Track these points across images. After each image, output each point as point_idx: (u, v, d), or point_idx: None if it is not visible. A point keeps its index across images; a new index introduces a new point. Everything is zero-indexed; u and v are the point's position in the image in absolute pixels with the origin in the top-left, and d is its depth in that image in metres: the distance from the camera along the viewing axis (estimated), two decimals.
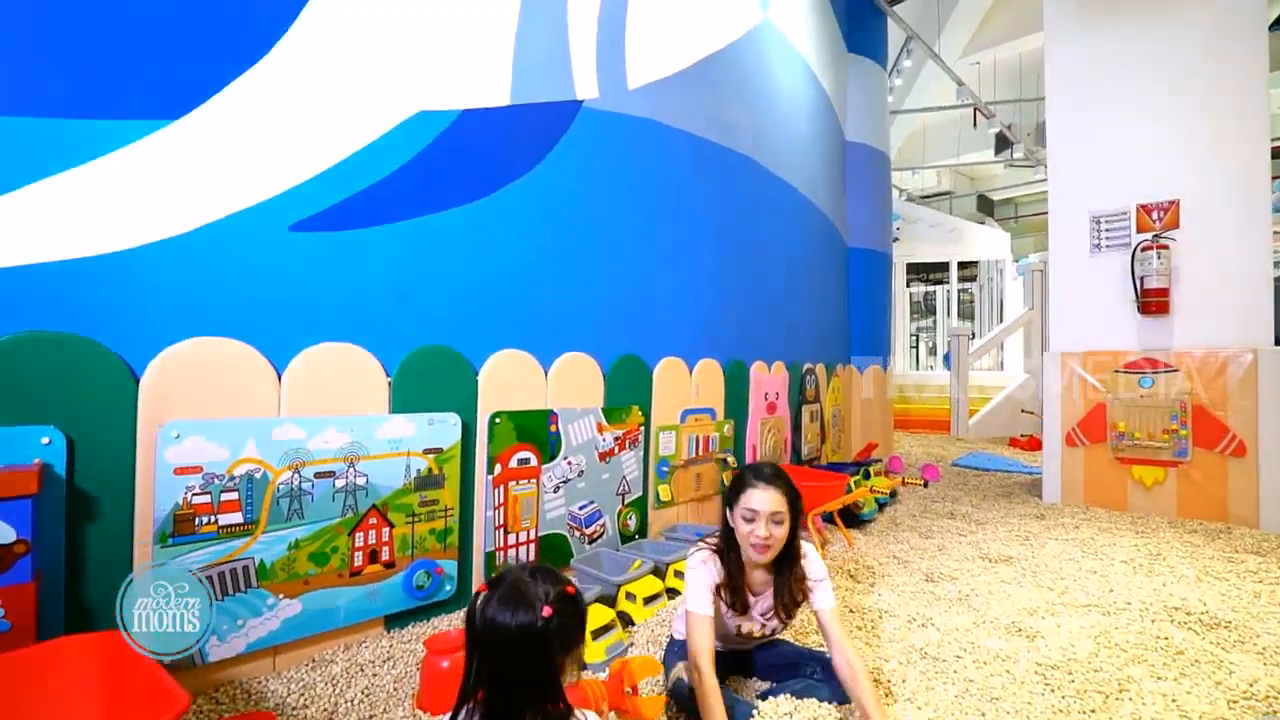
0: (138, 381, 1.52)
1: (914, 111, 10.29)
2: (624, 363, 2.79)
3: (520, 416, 2.30)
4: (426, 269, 2.12)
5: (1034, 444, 6.58)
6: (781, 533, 1.46)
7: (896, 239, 10.03)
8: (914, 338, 14.88)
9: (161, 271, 1.58)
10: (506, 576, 1.01)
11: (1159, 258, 3.60)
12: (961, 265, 12.67)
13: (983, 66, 9.82)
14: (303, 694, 1.61)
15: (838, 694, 1.47)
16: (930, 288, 14.32)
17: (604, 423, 2.63)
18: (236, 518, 1.62)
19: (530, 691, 0.96)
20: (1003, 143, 10.51)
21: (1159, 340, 3.68)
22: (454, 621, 2.02)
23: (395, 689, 1.65)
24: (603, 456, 2.62)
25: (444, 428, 2.05)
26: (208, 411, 1.60)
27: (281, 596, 1.69)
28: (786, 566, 1.53)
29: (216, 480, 1.58)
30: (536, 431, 2.35)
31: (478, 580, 2.13)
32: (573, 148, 2.60)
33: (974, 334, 11.28)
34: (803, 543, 1.57)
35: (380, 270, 2.00)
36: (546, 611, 0.94)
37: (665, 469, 2.99)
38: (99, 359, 1.46)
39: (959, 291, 13.11)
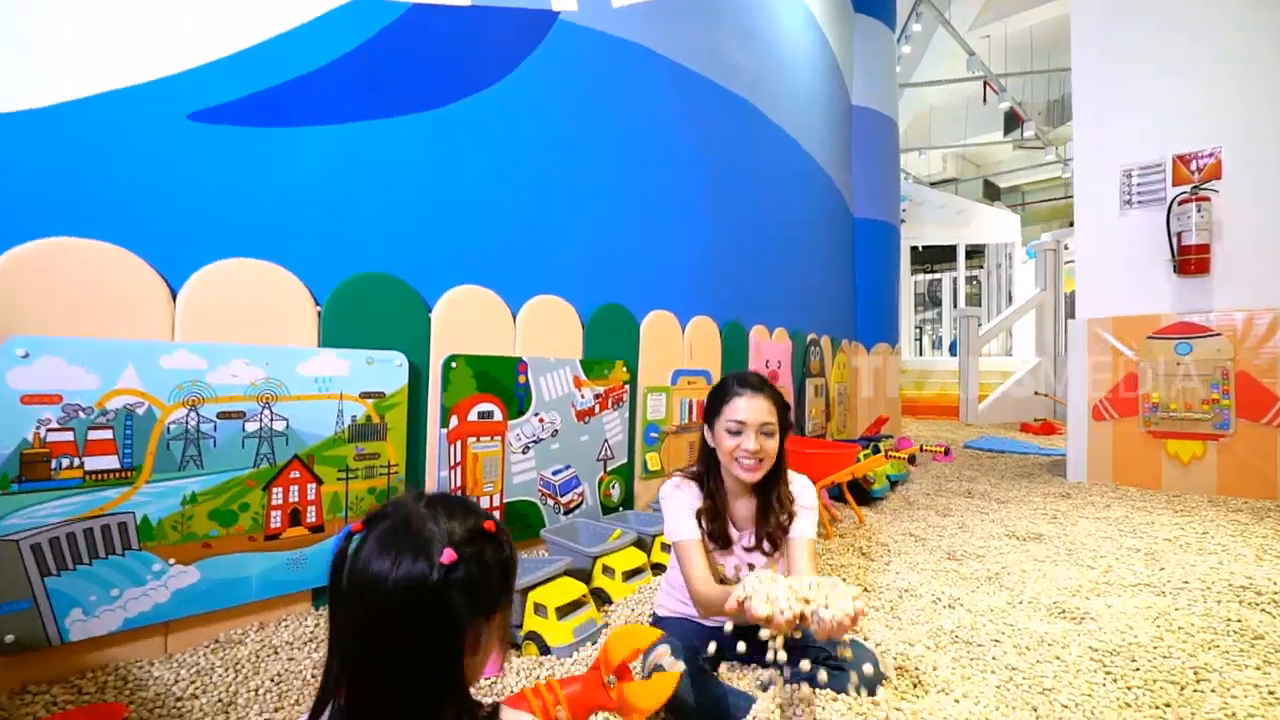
0: None
1: (922, 85, 9.94)
2: (606, 312, 2.46)
3: (482, 362, 1.98)
4: (370, 183, 1.80)
5: (1047, 429, 6.28)
6: (772, 446, 1.31)
7: (903, 220, 9.69)
8: (918, 329, 14.52)
9: (7, 153, 1.26)
10: (390, 510, 0.67)
11: (1199, 211, 3.27)
12: (968, 254, 12.30)
13: (993, 40, 9.48)
14: (195, 681, 1.31)
15: (858, 685, 1.19)
16: (936, 275, 13.92)
17: (582, 377, 2.31)
18: (110, 462, 1.30)
19: (423, 686, 0.62)
20: (1012, 122, 10.20)
21: (1197, 302, 3.36)
22: None
23: (314, 676, 1.35)
24: (581, 415, 2.30)
25: (387, 368, 1.73)
26: (72, 329, 1.28)
27: (172, 562, 1.38)
28: (772, 489, 1.34)
29: (82, 413, 1.27)
30: (501, 381, 2.03)
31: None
32: (547, 63, 2.27)
33: (981, 323, 10.93)
34: (790, 472, 1.40)
35: (311, 179, 1.68)
36: (448, 556, 0.61)
37: (654, 435, 2.67)
38: None
39: (965, 279, 12.73)
